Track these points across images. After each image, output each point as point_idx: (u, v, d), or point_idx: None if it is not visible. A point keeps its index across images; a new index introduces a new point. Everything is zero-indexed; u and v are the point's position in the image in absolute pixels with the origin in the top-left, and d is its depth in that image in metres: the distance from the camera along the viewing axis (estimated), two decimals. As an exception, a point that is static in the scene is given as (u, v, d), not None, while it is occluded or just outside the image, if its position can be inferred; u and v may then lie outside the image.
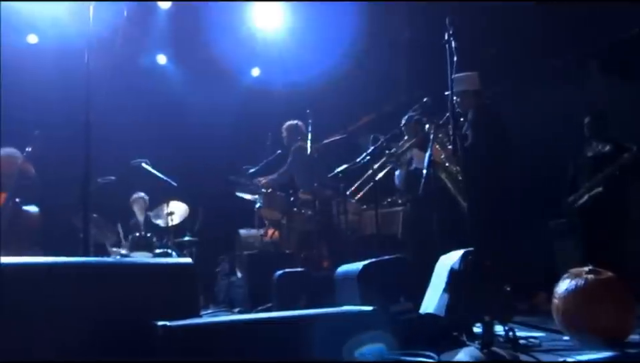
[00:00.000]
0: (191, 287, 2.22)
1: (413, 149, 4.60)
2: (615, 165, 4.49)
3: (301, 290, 4.14)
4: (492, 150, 4.06)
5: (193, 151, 7.63)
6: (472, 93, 4.31)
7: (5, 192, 5.07)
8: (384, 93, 7.40)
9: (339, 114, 7.23)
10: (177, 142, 7.60)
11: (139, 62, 7.78)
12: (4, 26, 6.77)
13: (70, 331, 1.81)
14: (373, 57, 7.38)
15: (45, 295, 1.79)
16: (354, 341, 1.89)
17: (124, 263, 2.42)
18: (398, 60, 7.29)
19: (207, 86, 7.88)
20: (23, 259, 1.90)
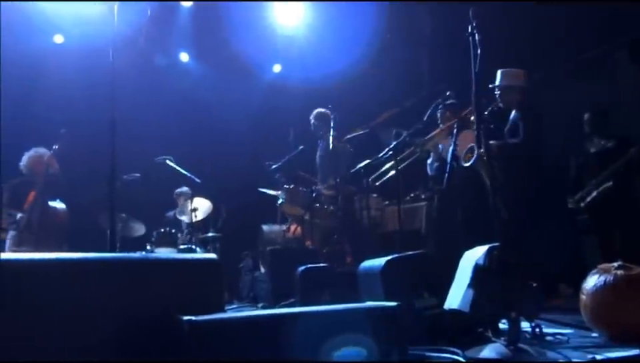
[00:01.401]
0: (216, 282, 2.23)
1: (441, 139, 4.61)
2: (622, 160, 4.44)
3: (324, 286, 4.14)
4: (531, 149, 4.05)
5: (215, 147, 7.69)
6: (517, 89, 4.31)
7: (34, 190, 5.20)
8: (406, 87, 7.34)
9: (360, 109, 7.20)
10: (200, 139, 7.68)
11: (161, 60, 7.87)
12: (30, 27, 6.93)
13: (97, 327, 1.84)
14: (395, 51, 7.33)
15: (72, 290, 1.82)
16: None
17: (150, 258, 2.44)
18: (420, 54, 7.22)
19: (229, 83, 7.93)
20: (51, 255, 1.93)
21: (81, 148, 5.84)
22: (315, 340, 1.92)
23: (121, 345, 1.87)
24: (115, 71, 3.20)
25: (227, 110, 7.80)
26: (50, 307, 1.76)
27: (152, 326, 1.89)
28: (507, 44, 5.46)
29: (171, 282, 2.04)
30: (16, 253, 4.69)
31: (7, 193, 5.39)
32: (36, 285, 1.75)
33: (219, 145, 7.73)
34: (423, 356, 2.52)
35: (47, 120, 6.42)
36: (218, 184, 6.99)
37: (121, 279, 1.92)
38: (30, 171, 5.32)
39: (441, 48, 6.63)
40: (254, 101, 7.97)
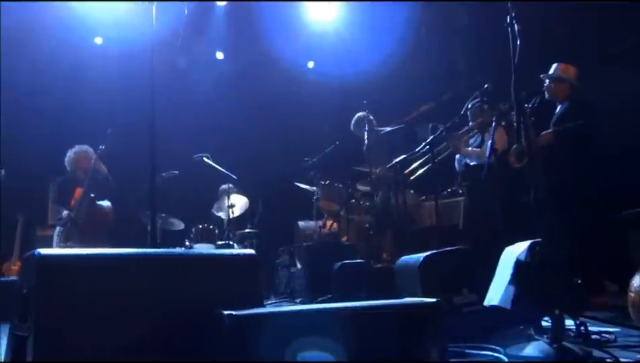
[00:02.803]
0: (254, 277, 2.26)
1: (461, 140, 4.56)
2: None
3: (361, 281, 4.14)
4: (584, 137, 3.97)
5: (251, 144, 7.76)
6: (567, 83, 4.23)
7: (81, 188, 5.37)
8: (442, 81, 7.24)
9: (395, 104, 7.14)
10: (236, 135, 7.76)
11: (198, 59, 7.99)
12: (72, 29, 7.14)
13: (141, 321, 1.89)
14: (430, 44, 7.24)
15: (116, 286, 1.88)
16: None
17: (191, 254, 2.50)
18: (456, 47, 7.10)
19: (264, 80, 7.99)
20: (97, 251, 1.99)
21: (123, 146, 5.99)
22: (354, 336, 1.92)
23: (163, 339, 1.92)
24: (154, 71, 3.26)
25: (262, 107, 7.87)
26: (96, 301, 1.81)
27: (194, 320, 1.93)
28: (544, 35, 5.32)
29: (211, 277, 2.08)
30: (63, 248, 4.86)
31: (54, 190, 5.58)
32: (82, 280, 1.81)
33: (254, 142, 7.80)
34: (463, 353, 2.49)
35: (89, 120, 6.63)
36: (254, 180, 7.06)
37: (165, 275, 1.97)
38: (74, 168, 5.48)
39: (477, 40, 6.51)
40: (288, 97, 8.01)
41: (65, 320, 1.72)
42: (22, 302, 1.85)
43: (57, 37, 7.12)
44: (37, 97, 7.08)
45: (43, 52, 7.09)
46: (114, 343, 1.79)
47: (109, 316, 1.82)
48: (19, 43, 7.09)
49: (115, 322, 1.81)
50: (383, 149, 5.36)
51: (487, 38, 6.19)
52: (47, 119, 7.14)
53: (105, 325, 1.80)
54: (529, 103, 4.00)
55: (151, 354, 1.88)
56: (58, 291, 1.74)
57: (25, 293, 1.84)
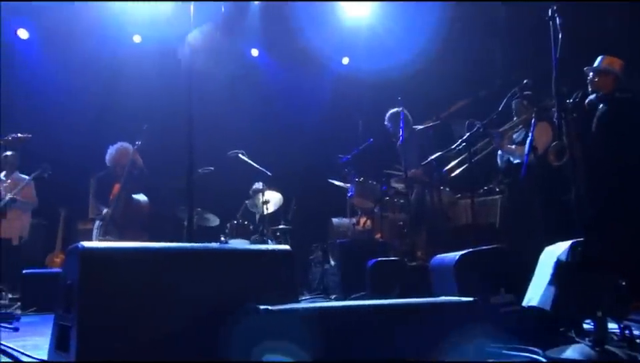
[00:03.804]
0: (290, 273, 2.27)
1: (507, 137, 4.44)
2: None
3: (395, 279, 4.12)
4: (618, 144, 3.85)
5: (286, 140, 7.81)
6: (612, 76, 4.09)
7: (118, 182, 5.51)
8: (478, 77, 7.11)
9: (430, 100, 7.06)
10: (271, 132, 7.82)
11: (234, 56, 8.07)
12: (112, 28, 7.32)
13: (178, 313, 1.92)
14: (466, 39, 7.12)
15: (155, 278, 1.92)
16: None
17: (228, 249, 2.53)
18: (494, 41, 6.96)
19: (298, 76, 8.02)
20: (138, 244, 2.04)
21: (160, 142, 6.11)
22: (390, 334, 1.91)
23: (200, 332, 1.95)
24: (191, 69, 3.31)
25: (297, 103, 7.91)
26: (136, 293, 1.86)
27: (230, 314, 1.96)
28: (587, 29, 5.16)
29: (247, 272, 2.11)
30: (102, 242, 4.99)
31: (94, 185, 5.75)
32: (124, 273, 1.86)
33: (289, 138, 7.84)
34: (501, 354, 2.44)
35: (128, 116, 6.79)
36: (288, 177, 7.10)
37: (203, 269, 2.00)
38: (114, 164, 5.63)
39: (515, 34, 6.36)
40: (323, 93, 8.02)
41: (107, 310, 1.77)
42: (66, 293, 1.91)
43: (96, 36, 7.32)
44: (77, 94, 7.30)
45: (82, 51, 7.30)
46: (153, 334, 1.83)
47: (148, 307, 1.86)
48: (59, 43, 7.32)
49: (154, 313, 1.85)
50: (416, 146, 5.31)
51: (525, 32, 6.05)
52: (86, 116, 7.35)
53: (144, 316, 1.84)
54: (570, 99, 3.90)
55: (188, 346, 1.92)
56: (100, 282, 1.79)
57: (69, 284, 1.90)
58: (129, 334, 1.79)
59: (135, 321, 1.81)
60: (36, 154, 6.27)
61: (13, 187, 6.13)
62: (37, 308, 4.82)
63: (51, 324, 2.11)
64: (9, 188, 6.13)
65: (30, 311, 4.83)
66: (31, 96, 6.99)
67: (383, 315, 1.93)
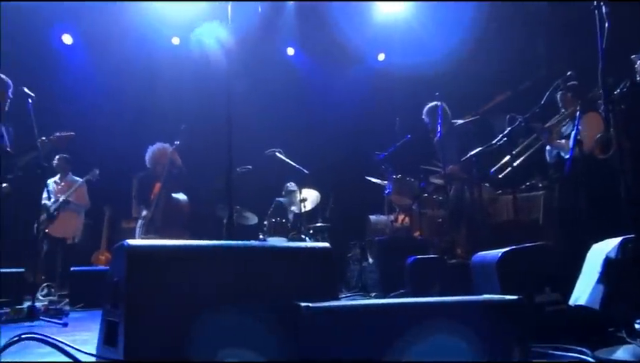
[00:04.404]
0: (330, 270, 2.27)
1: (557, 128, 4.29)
2: None
3: (435, 277, 4.06)
4: None
5: (323, 138, 7.82)
6: None
7: (158, 182, 5.64)
8: (518, 69, 6.94)
9: (469, 94, 6.94)
10: (308, 130, 7.85)
11: (271, 55, 8.14)
12: (151, 31, 7.49)
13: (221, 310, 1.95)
14: (507, 30, 6.95)
15: (199, 275, 1.95)
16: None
17: (270, 246, 2.55)
18: (535, 31, 6.77)
19: (335, 74, 8.02)
20: (182, 242, 2.07)
21: (199, 142, 6.21)
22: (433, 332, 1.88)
23: (243, 329, 1.97)
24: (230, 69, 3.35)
25: (333, 101, 7.91)
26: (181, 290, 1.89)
27: (271, 311, 1.97)
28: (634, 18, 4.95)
29: (288, 269, 2.11)
30: (145, 240, 5.12)
31: (136, 185, 5.90)
32: (169, 270, 1.90)
33: (326, 136, 7.85)
34: (547, 354, 2.38)
35: (167, 117, 6.94)
36: (326, 174, 7.11)
37: (245, 266, 2.02)
38: (154, 164, 5.76)
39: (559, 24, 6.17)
40: (359, 90, 8.00)
41: (153, 307, 1.81)
42: (113, 290, 1.97)
43: (136, 39, 7.50)
44: (117, 97, 7.51)
45: (122, 54, 7.50)
46: (197, 330, 1.86)
47: (192, 304, 1.89)
48: (101, 47, 7.54)
49: (197, 310, 1.88)
50: (455, 142, 5.22)
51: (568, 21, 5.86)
52: (127, 118, 7.56)
53: (188, 313, 1.87)
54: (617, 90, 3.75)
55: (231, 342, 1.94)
56: (146, 279, 1.84)
57: (116, 281, 1.95)
58: (174, 330, 1.82)
59: (180, 317, 1.85)
60: (81, 156, 6.50)
61: (66, 189, 6.38)
62: (85, 304, 4.99)
63: (98, 320, 2.18)
64: (63, 190, 6.37)
65: (78, 307, 5.00)
66: (74, 100, 7.23)
67: (426, 314, 1.90)
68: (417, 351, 1.86)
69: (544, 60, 6.67)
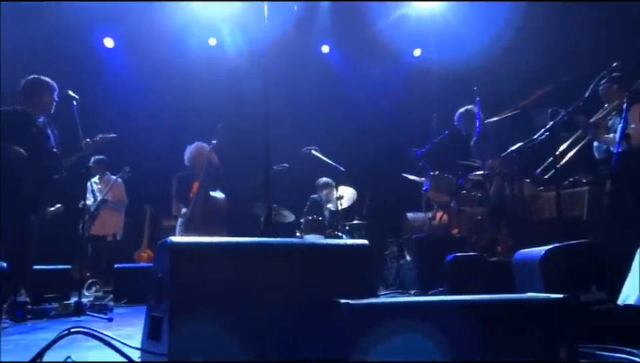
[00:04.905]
0: (369, 267, 2.27)
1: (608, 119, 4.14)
2: None
3: (475, 275, 4.00)
4: None
5: (359, 135, 7.79)
6: None
7: (197, 181, 5.73)
8: (560, 62, 6.74)
9: (508, 89, 6.79)
10: (344, 127, 7.83)
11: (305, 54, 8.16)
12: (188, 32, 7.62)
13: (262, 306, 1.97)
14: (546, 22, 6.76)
15: (240, 271, 1.97)
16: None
17: (310, 244, 2.55)
18: (577, 24, 6.57)
19: (370, 70, 7.98)
20: (223, 239, 2.10)
21: (235, 141, 6.28)
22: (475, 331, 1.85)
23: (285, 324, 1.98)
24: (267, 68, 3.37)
25: (369, 97, 7.87)
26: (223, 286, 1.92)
27: (311, 308, 1.98)
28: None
29: (328, 266, 2.12)
30: (185, 237, 5.21)
31: (175, 184, 6.02)
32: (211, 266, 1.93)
33: (362, 133, 7.82)
34: (594, 355, 2.31)
35: (204, 116, 7.05)
36: (362, 172, 7.08)
37: (286, 263, 2.04)
38: (192, 163, 5.86)
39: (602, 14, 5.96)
40: (395, 86, 7.94)
41: (196, 302, 1.85)
42: (157, 286, 2.01)
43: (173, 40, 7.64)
44: (156, 98, 7.68)
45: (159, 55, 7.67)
46: (238, 325, 1.89)
47: (233, 300, 1.92)
48: (139, 49, 7.72)
49: (239, 306, 1.91)
50: (493, 138, 5.11)
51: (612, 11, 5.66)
52: (165, 118, 7.73)
53: (230, 308, 1.90)
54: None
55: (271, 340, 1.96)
56: (189, 275, 1.87)
57: (160, 277, 2.00)
58: (216, 325, 1.85)
59: (222, 312, 1.88)
60: (121, 157, 6.67)
61: (104, 189, 6.58)
62: (128, 300, 5.13)
63: (141, 315, 2.23)
64: (102, 190, 6.58)
65: (121, 302, 5.15)
66: (114, 101, 7.43)
67: (469, 312, 1.87)
68: (458, 349, 1.83)
69: (586, 52, 6.46)
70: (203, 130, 6.15)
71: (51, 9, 6.94)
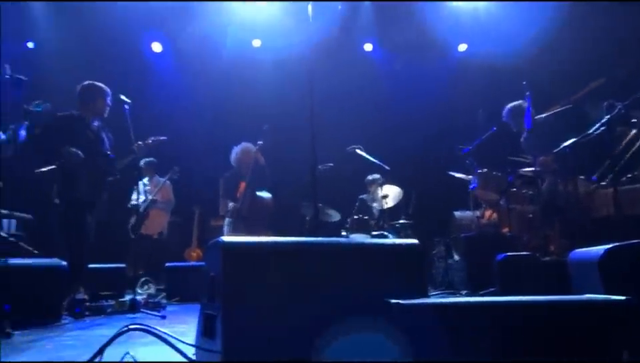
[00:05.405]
0: (419, 267, 2.24)
1: None
2: None
3: (527, 275, 3.88)
4: None
5: (404, 133, 7.71)
6: None
7: (243, 181, 5.82)
8: (614, 53, 6.47)
9: (558, 83, 6.56)
10: (388, 125, 7.78)
11: (349, 52, 8.15)
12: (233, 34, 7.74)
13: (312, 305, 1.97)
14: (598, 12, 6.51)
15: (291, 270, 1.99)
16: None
17: (359, 243, 2.55)
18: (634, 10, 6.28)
19: (414, 67, 7.88)
20: (272, 238, 2.12)
21: (281, 141, 6.34)
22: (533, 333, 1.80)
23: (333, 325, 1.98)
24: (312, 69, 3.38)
25: (413, 94, 7.78)
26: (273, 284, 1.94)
27: (363, 308, 1.97)
28: None
29: (378, 266, 2.11)
30: (233, 237, 5.30)
31: (222, 184, 6.12)
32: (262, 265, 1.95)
33: (406, 131, 7.73)
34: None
35: (250, 117, 7.15)
36: (407, 170, 7.01)
37: (335, 262, 2.04)
38: (238, 164, 5.95)
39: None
40: (440, 82, 7.81)
41: (248, 301, 1.87)
42: (210, 284, 2.05)
43: (218, 42, 7.78)
44: (202, 100, 7.85)
45: (205, 58, 7.82)
46: (290, 324, 1.90)
47: (284, 298, 1.93)
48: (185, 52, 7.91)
49: (290, 305, 1.92)
50: (545, 134, 4.94)
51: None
52: (211, 119, 7.89)
53: (281, 307, 1.91)
54: None
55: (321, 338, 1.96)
56: (241, 274, 1.90)
57: (212, 276, 2.03)
58: (268, 323, 1.87)
59: (273, 311, 1.89)
60: (170, 158, 6.85)
61: (154, 190, 6.79)
62: (180, 298, 5.27)
63: (193, 313, 2.29)
64: (151, 191, 6.78)
65: (173, 300, 5.29)
66: (162, 104, 7.63)
67: (525, 314, 1.82)
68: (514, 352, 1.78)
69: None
70: (249, 130, 6.23)
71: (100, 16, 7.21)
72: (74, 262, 4.07)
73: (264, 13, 7.57)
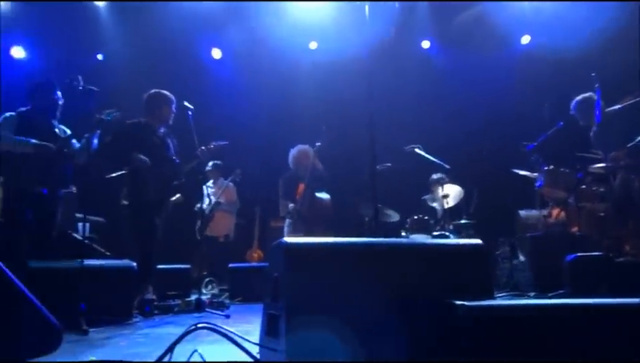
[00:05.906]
0: (483, 268, 2.19)
1: None
2: None
3: (600, 276, 3.70)
4: None
5: (464, 130, 7.52)
6: None
7: (302, 183, 5.87)
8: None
9: (629, 74, 6.20)
10: (448, 123, 7.62)
11: (406, 50, 8.06)
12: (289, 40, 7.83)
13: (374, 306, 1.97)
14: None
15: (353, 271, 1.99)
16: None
17: (421, 244, 2.52)
18: None
19: (474, 62, 7.67)
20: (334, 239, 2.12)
21: (339, 142, 6.35)
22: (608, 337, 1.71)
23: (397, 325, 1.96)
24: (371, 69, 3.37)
25: (474, 90, 7.57)
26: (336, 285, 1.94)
27: (427, 309, 1.94)
28: None
29: (441, 267, 2.07)
30: (294, 238, 5.37)
31: (281, 186, 6.21)
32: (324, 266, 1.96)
33: (467, 128, 7.53)
34: None
35: (308, 118, 7.21)
36: (469, 169, 6.84)
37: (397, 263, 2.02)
38: (296, 166, 6.01)
39: None
40: (502, 77, 7.56)
41: (311, 301, 1.89)
42: (273, 285, 2.09)
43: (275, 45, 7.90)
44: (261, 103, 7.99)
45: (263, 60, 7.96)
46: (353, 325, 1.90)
47: (346, 299, 1.93)
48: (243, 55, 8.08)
49: (353, 306, 1.92)
50: (617, 128, 4.68)
51: None
52: (270, 121, 8.02)
53: (343, 307, 1.92)
54: None
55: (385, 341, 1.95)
56: (304, 274, 1.92)
57: (275, 276, 2.07)
58: (330, 323, 1.88)
59: (336, 311, 1.90)
60: (232, 161, 7.03)
61: (218, 192, 7.00)
62: (243, 298, 5.39)
63: (256, 312, 2.33)
64: (216, 193, 6.99)
65: (236, 300, 5.42)
66: (222, 108, 7.82)
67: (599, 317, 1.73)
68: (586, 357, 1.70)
69: None
70: (308, 132, 6.28)
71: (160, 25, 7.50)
72: (143, 263, 4.25)
73: (319, 14, 7.61)
